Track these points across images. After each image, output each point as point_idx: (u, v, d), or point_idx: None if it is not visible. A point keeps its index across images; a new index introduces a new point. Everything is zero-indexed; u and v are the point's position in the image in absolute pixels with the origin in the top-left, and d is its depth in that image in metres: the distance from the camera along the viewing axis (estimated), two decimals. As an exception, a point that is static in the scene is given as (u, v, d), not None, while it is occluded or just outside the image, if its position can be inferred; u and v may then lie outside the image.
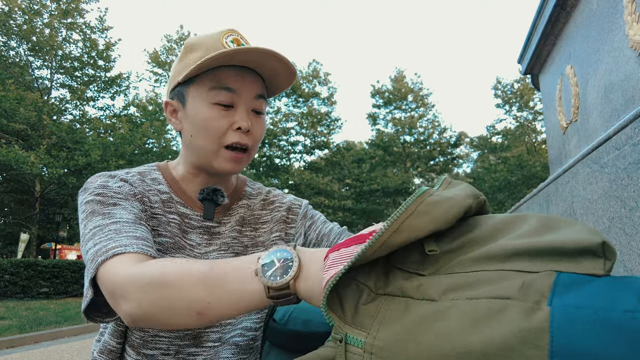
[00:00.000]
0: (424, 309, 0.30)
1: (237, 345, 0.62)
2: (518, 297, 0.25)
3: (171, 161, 0.68)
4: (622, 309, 0.22)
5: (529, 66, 3.05)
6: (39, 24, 10.25)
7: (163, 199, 0.60)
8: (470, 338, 0.25)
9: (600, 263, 0.26)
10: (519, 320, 0.24)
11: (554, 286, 0.25)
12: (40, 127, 9.91)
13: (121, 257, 0.45)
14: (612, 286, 0.24)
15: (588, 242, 0.26)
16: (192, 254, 0.60)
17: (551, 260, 0.27)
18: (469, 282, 0.29)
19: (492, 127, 18.61)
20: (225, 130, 0.58)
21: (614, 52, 1.74)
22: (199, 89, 0.58)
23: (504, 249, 0.30)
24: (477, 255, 0.32)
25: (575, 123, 2.26)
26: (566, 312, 0.23)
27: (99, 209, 0.52)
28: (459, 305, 0.28)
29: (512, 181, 15.73)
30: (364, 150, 18.95)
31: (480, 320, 0.26)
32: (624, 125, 1.19)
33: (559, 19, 2.37)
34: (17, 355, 3.59)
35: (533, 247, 0.28)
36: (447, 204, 0.35)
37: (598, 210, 1.40)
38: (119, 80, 11.77)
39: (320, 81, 17.41)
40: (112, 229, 0.49)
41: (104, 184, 0.55)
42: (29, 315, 5.34)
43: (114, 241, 0.47)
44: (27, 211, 11.53)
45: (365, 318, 0.33)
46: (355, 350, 0.32)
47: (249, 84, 0.58)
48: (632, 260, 1.16)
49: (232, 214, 0.65)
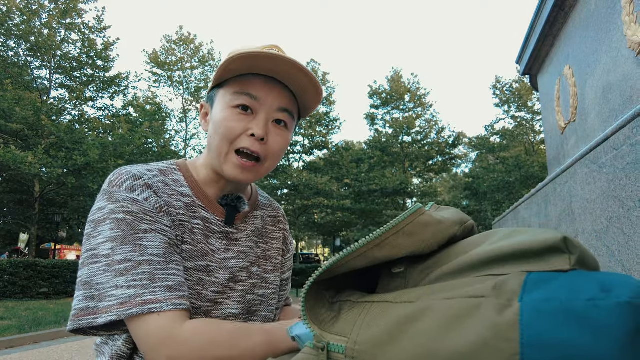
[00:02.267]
0: (402, 311, 0.31)
1: None
2: (491, 296, 0.27)
3: (190, 160, 0.66)
4: (585, 298, 0.23)
5: (528, 67, 3.06)
6: (38, 24, 10.23)
7: (186, 202, 0.60)
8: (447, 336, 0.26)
9: (566, 258, 0.27)
10: (492, 316, 0.25)
11: (524, 284, 0.26)
12: (38, 128, 9.88)
13: (157, 317, 0.48)
14: (577, 279, 0.25)
15: (551, 240, 0.27)
16: (214, 259, 0.60)
17: (521, 262, 0.28)
18: (446, 288, 0.31)
19: (491, 127, 18.65)
20: (239, 134, 0.57)
21: (612, 52, 1.75)
22: (225, 93, 0.58)
23: (477, 258, 0.31)
24: (452, 267, 0.33)
25: (573, 123, 2.27)
26: (535, 306, 0.24)
27: (130, 235, 0.51)
28: (436, 305, 0.29)
29: (510, 182, 15.76)
30: (362, 151, 18.95)
31: (456, 318, 0.27)
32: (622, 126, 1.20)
33: (557, 19, 2.38)
34: (17, 355, 3.58)
35: (503, 252, 0.30)
36: (434, 228, 0.36)
37: (596, 210, 1.41)
38: (118, 80, 11.75)
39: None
40: (145, 270, 0.50)
41: (131, 195, 0.54)
42: (28, 315, 5.33)
43: (149, 292, 0.49)
44: (26, 211, 11.50)
45: (346, 325, 0.34)
46: (337, 356, 0.33)
47: (274, 95, 0.58)
48: (631, 259, 1.16)
49: (248, 223, 0.67)
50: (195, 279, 0.57)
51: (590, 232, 1.51)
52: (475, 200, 17.63)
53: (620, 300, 0.22)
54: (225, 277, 0.60)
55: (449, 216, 0.40)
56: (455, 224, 0.39)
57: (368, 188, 17.04)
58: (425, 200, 17.26)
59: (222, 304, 0.60)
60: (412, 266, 0.37)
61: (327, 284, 0.39)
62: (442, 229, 0.37)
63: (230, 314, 0.61)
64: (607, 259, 1.32)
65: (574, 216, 1.68)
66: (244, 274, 0.64)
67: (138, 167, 0.58)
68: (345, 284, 0.41)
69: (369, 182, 17.08)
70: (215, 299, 0.59)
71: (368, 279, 0.44)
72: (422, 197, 18.00)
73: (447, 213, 0.41)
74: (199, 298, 0.57)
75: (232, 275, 0.61)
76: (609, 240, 1.32)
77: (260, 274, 0.66)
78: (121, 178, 0.55)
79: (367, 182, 17.14)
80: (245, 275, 0.64)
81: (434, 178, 21.20)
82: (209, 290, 0.58)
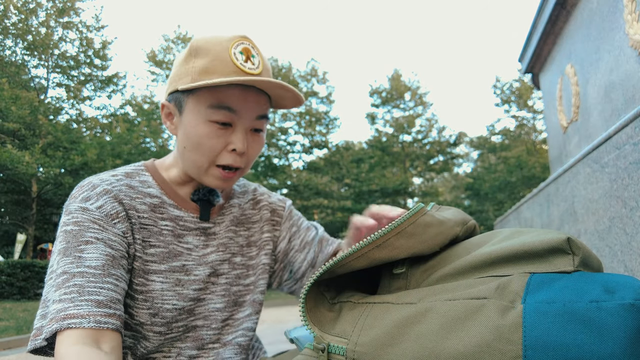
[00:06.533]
0: (403, 312, 0.30)
1: (240, 346, 0.63)
2: (494, 297, 0.26)
3: (159, 160, 0.64)
4: (587, 300, 0.23)
5: (530, 65, 3.05)
6: (35, 22, 10.18)
7: (154, 203, 0.58)
8: (449, 337, 0.26)
9: (569, 259, 0.27)
10: (494, 318, 0.25)
11: (527, 286, 0.26)
12: (35, 127, 9.85)
13: (73, 332, 0.44)
14: (580, 280, 0.25)
15: (555, 241, 0.27)
16: (190, 257, 0.59)
17: (524, 263, 0.28)
18: (448, 289, 0.30)
19: (492, 127, 18.67)
20: (220, 150, 0.55)
21: (614, 51, 1.74)
22: (198, 104, 0.54)
23: (479, 259, 0.31)
24: (454, 268, 0.32)
25: (575, 122, 2.26)
26: (538, 308, 0.24)
27: (72, 247, 0.49)
28: (437, 307, 0.28)
29: (512, 182, 15.81)
30: (362, 150, 18.96)
31: (458, 319, 0.26)
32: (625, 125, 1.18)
33: (559, 17, 2.37)
34: (14, 357, 3.56)
35: (506, 253, 0.29)
36: (436, 229, 0.35)
37: (599, 210, 1.40)
38: (116, 79, 11.71)
39: (318, 79, 17.39)
40: (77, 283, 0.47)
41: (84, 204, 0.52)
42: (25, 316, 5.30)
43: (74, 306, 0.45)
44: (23, 212, 11.47)
45: (346, 326, 0.34)
46: (338, 357, 0.32)
47: (251, 105, 0.55)
48: (633, 260, 1.15)
49: (225, 214, 0.65)
50: (173, 280, 0.56)
51: (592, 232, 1.50)
52: (477, 200, 17.68)
53: (624, 302, 0.22)
54: (205, 272, 0.59)
55: (450, 216, 0.39)
56: (457, 224, 0.38)
57: (368, 188, 17.06)
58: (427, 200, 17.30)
59: (204, 300, 0.59)
60: (413, 267, 0.36)
61: (327, 284, 0.39)
62: (444, 229, 0.36)
63: (214, 308, 0.60)
64: (610, 259, 1.31)
65: (576, 216, 1.67)
66: (226, 266, 0.62)
67: (101, 175, 0.57)
68: (345, 284, 0.40)
69: (369, 182, 17.10)
70: (198, 297, 0.58)
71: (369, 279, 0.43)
72: (423, 197, 18.03)
73: (448, 213, 0.40)
74: (179, 298, 0.56)
75: (212, 269, 0.60)
76: (611, 241, 1.31)
77: (244, 263, 0.64)
78: (80, 190, 0.54)
79: (367, 182, 17.15)
80: (227, 267, 0.62)
81: (435, 177, 21.23)
82: (190, 289, 0.58)
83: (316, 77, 17.43)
